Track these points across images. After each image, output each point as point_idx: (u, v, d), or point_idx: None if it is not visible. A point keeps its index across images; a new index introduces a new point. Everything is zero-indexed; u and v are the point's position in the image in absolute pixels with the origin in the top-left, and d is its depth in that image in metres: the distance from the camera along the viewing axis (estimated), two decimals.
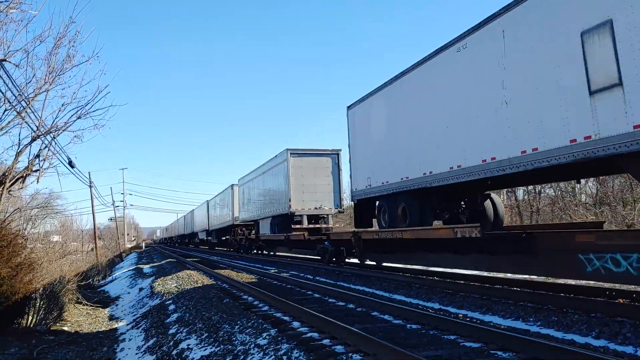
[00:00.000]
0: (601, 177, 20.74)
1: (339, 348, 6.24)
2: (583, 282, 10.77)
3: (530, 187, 29.19)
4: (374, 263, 17.16)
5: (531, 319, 7.79)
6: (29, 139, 14.50)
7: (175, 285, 17.07)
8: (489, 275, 13.07)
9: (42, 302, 12.29)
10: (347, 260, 18.87)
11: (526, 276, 12.09)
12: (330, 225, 25.53)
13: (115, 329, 12.90)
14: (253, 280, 16.75)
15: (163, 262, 33.31)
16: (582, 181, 21.45)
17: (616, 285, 9.84)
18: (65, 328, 12.49)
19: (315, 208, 25.27)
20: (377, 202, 16.81)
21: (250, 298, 12.03)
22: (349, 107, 17.86)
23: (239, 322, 8.64)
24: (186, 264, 27.58)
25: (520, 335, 6.31)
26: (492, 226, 13.96)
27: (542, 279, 11.68)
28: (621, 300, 8.78)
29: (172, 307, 12.77)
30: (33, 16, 13.08)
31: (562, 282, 10.85)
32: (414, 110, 13.64)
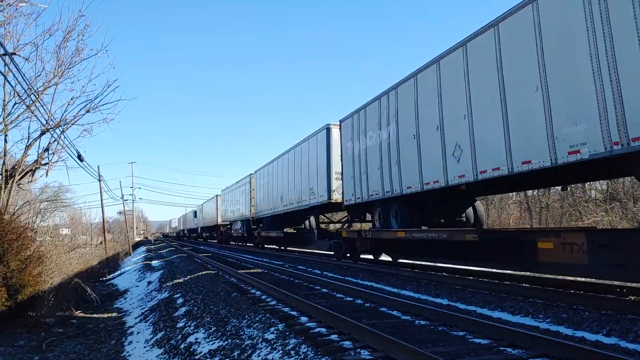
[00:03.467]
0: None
1: (347, 344, 6.22)
2: (593, 280, 10.68)
3: None
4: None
5: (541, 316, 7.72)
6: (39, 133, 14.63)
7: None
8: (498, 271, 13.00)
9: (51, 295, 12.37)
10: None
11: (537, 273, 12.01)
12: None
13: (124, 322, 12.96)
14: None
15: None
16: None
17: (627, 282, 9.76)
18: (74, 321, 12.56)
19: None
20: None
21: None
22: None
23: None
24: None
25: (529, 332, 6.25)
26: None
27: (551, 276, 11.59)
28: (632, 297, 8.69)
29: (180, 300, 12.80)
30: (42, 10, 13.20)
31: (572, 279, 10.76)
32: None
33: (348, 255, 19.12)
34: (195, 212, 71.60)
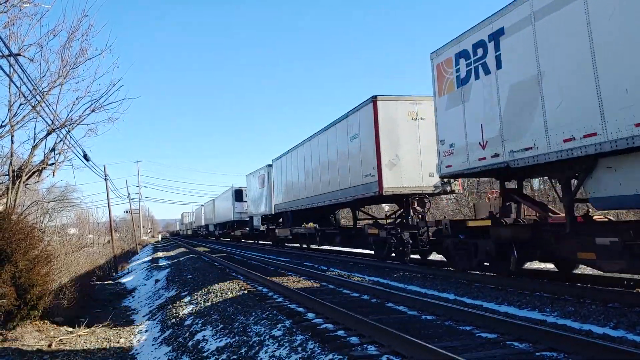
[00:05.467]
0: None
1: (354, 339, 6.23)
2: (600, 272, 10.64)
3: (546, 177, 28.91)
4: None
5: (547, 310, 7.71)
6: (44, 133, 14.67)
7: None
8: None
9: (59, 294, 12.45)
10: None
11: (542, 266, 11.98)
12: None
13: (132, 321, 13.03)
14: None
15: None
16: None
17: (634, 275, 9.73)
18: (83, 319, 12.65)
19: None
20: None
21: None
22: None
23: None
24: None
25: (536, 326, 6.24)
26: None
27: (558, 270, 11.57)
28: (639, 290, 8.67)
29: (187, 298, 12.85)
30: (46, 10, 13.20)
31: (579, 272, 10.74)
32: None
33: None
34: (239, 191, 43.29)
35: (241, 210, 42.11)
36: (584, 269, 10.93)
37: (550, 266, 11.83)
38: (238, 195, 42.91)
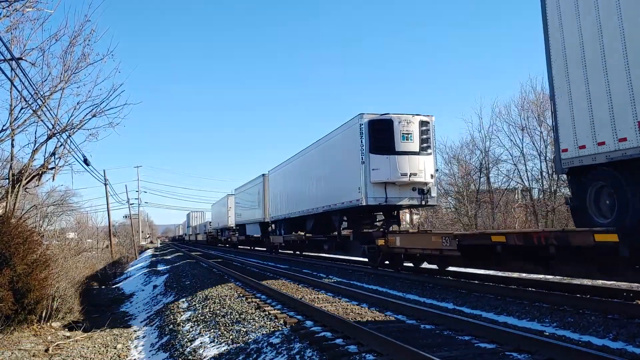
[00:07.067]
0: None
1: (352, 348, 6.20)
2: (599, 283, 10.64)
3: (546, 187, 28.98)
4: None
5: (547, 320, 7.69)
6: (45, 137, 14.70)
7: None
8: (504, 275, 12.95)
9: (57, 299, 12.41)
10: None
11: (541, 276, 11.96)
12: None
13: (130, 326, 12.99)
14: None
15: None
16: None
17: (633, 286, 9.71)
18: (80, 324, 12.60)
19: None
20: None
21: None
22: None
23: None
24: None
25: (535, 336, 6.22)
26: None
27: (557, 279, 11.54)
28: (639, 302, 8.64)
29: (185, 304, 12.81)
30: (49, 15, 13.23)
31: (579, 282, 10.72)
32: None
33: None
34: (388, 122, 15.79)
35: (398, 178, 16.07)
36: (582, 280, 10.92)
37: None
38: (383, 134, 16.21)
